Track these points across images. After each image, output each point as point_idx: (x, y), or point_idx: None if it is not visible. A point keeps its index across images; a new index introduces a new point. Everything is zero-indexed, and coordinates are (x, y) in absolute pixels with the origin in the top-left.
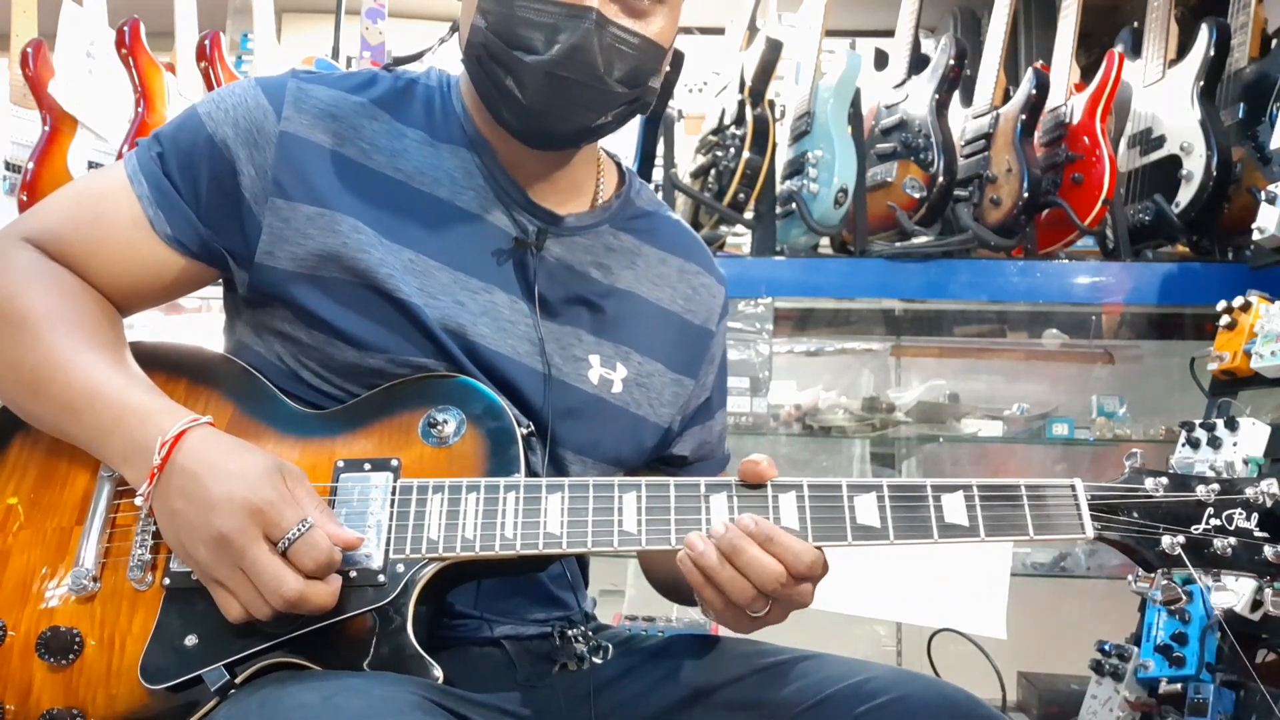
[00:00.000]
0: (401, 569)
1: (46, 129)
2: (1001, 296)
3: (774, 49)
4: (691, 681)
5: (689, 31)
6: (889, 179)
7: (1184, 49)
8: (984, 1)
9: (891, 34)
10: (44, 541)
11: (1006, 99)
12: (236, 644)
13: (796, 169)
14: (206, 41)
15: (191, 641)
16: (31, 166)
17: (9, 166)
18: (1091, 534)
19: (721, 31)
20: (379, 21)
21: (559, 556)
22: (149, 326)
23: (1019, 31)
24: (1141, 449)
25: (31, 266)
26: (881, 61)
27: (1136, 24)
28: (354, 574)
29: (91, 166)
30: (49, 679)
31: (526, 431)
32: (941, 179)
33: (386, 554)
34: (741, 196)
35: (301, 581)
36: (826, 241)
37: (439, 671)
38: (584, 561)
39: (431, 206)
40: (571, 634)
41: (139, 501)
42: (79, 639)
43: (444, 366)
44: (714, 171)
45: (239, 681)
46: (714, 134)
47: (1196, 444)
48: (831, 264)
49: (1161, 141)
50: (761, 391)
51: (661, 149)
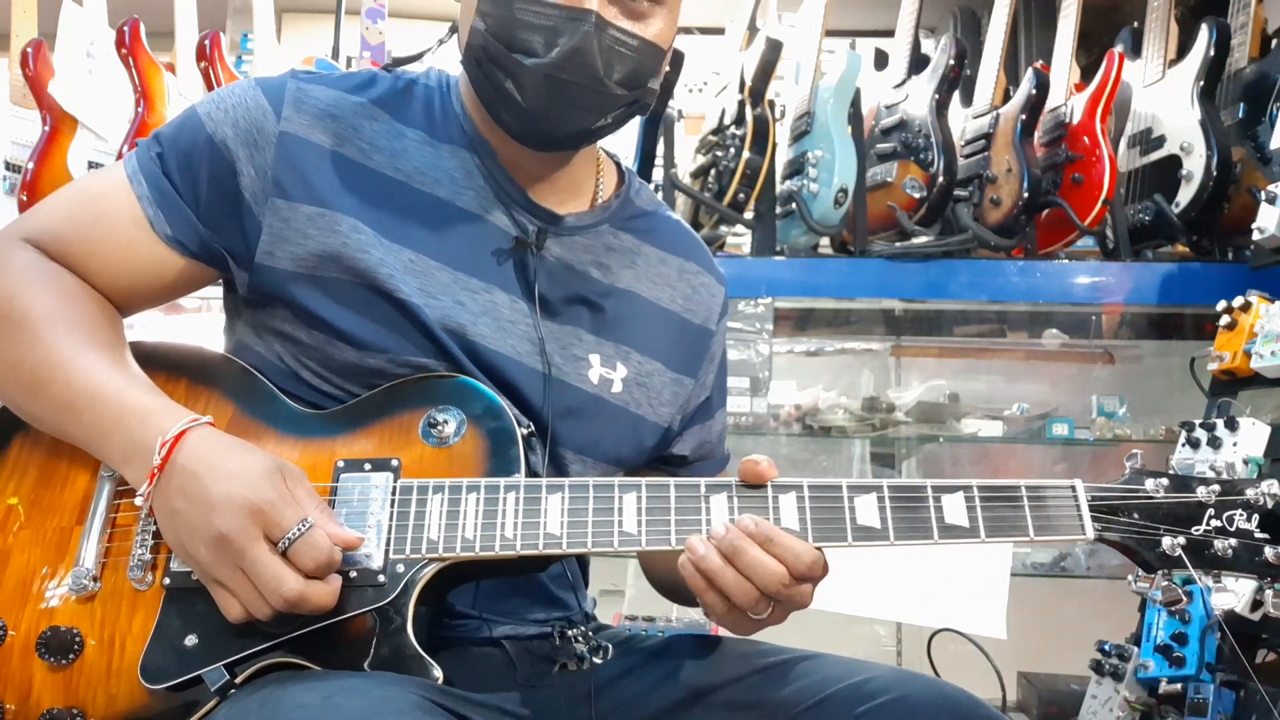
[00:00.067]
0: (401, 569)
1: (46, 129)
2: (1001, 296)
3: (774, 49)
4: (691, 681)
5: (689, 31)
6: (889, 179)
7: (1184, 49)
8: (984, 1)
9: (891, 34)
10: (44, 541)
11: (1006, 99)
12: (236, 644)
13: (796, 169)
14: (206, 41)
15: (191, 641)
16: (31, 166)
17: (9, 166)
18: (1092, 535)
19: (721, 31)
20: (379, 21)
21: (559, 557)
22: (149, 326)
23: (1019, 31)
24: (1141, 449)
25: (31, 266)
26: (881, 61)
27: (1136, 24)
28: (354, 574)
29: (91, 166)
30: (49, 679)
31: (527, 431)
32: (941, 179)
33: (386, 554)
34: (741, 196)
35: (302, 581)
36: (826, 241)
37: (439, 672)
38: (584, 561)
39: (431, 206)
40: (571, 634)
41: (139, 501)
42: (79, 639)
43: (444, 366)
44: (714, 171)
45: (239, 681)
46: (714, 134)
47: (1196, 444)
48: (831, 264)
49: (1161, 141)
50: (761, 391)
51: (661, 149)
